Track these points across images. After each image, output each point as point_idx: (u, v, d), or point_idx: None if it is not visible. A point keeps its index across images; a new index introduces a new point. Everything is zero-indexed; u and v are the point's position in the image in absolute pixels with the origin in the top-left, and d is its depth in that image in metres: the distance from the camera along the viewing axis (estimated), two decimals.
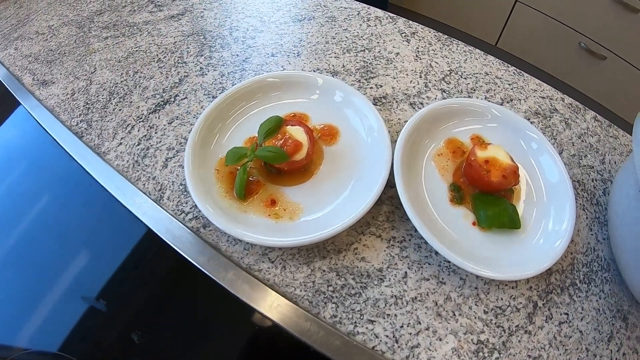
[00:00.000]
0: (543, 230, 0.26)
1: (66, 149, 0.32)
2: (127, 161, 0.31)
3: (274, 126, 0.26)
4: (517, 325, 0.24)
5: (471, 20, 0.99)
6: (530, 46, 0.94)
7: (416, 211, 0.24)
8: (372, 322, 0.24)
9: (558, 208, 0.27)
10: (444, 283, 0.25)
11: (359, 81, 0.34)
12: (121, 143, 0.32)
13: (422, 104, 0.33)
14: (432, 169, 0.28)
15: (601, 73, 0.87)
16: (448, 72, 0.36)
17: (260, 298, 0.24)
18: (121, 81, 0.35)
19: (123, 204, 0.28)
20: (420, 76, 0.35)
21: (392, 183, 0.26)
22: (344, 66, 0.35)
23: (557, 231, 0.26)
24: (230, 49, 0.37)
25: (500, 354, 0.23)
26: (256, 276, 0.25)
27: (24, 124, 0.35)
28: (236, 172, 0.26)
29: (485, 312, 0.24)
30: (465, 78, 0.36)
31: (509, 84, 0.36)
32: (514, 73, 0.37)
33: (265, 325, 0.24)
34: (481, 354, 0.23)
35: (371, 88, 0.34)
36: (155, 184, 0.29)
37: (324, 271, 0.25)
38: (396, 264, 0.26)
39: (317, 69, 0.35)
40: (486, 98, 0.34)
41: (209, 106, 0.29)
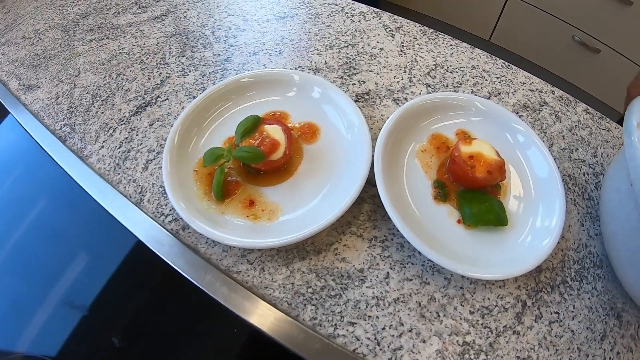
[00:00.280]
0: (531, 227, 0.25)
1: (50, 154, 0.31)
2: (109, 164, 0.30)
3: (251, 125, 0.25)
4: (505, 325, 0.23)
5: (464, 15, 0.97)
6: (524, 40, 0.92)
7: (397, 210, 0.23)
8: (353, 324, 0.22)
9: (547, 204, 0.25)
10: (428, 283, 0.24)
11: (342, 78, 0.33)
12: (103, 146, 0.31)
13: (406, 100, 0.32)
14: (415, 166, 0.27)
15: (595, 66, 0.84)
16: (433, 67, 0.34)
17: (238, 300, 0.23)
18: (104, 84, 0.34)
19: (105, 208, 0.27)
20: (404, 71, 0.34)
21: (374, 181, 0.24)
22: (327, 63, 0.34)
23: (547, 228, 0.24)
24: (212, 49, 0.36)
25: (487, 356, 0.22)
26: (235, 278, 0.24)
27: (10, 130, 0.34)
28: (215, 173, 0.25)
29: (471, 313, 0.23)
30: (451, 72, 0.34)
31: (497, 77, 0.34)
32: (502, 66, 0.35)
33: (243, 328, 0.23)
34: (467, 356, 0.22)
35: (354, 84, 0.33)
36: (135, 187, 0.28)
37: (304, 272, 0.24)
38: (378, 264, 0.24)
39: (299, 67, 0.34)
40: (473, 92, 0.33)
41: (187, 108, 0.28)
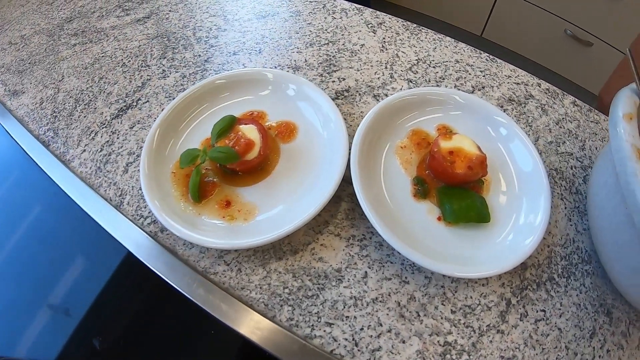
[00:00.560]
0: (515, 223, 0.24)
1: (34, 159, 0.31)
2: (90, 168, 0.29)
3: (226, 126, 0.24)
4: (489, 324, 0.22)
5: (456, 11, 0.95)
6: (516, 35, 0.90)
7: (374, 208, 0.22)
8: (330, 325, 0.21)
9: (532, 198, 0.24)
10: (407, 282, 0.23)
11: (321, 75, 0.32)
12: (85, 150, 0.30)
13: (387, 96, 0.31)
14: (395, 163, 0.26)
15: (588, 59, 0.82)
16: (415, 62, 0.33)
17: (215, 302, 0.22)
18: (87, 88, 0.34)
19: (87, 212, 0.27)
20: (385, 67, 0.33)
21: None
22: (306, 61, 0.33)
23: (531, 224, 0.23)
24: (192, 50, 0.35)
25: (469, 356, 0.21)
26: (212, 279, 0.23)
27: None
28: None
29: (452, 312, 0.22)
30: (433, 67, 0.33)
31: (481, 71, 0.33)
32: (487, 60, 0.34)
33: (220, 329, 0.22)
34: (449, 356, 0.21)
35: (333, 82, 0.32)
36: (116, 190, 0.28)
37: (280, 273, 0.23)
38: (356, 264, 0.23)
39: (279, 65, 0.33)
40: (456, 86, 0.32)
41: (163, 111, 0.27)
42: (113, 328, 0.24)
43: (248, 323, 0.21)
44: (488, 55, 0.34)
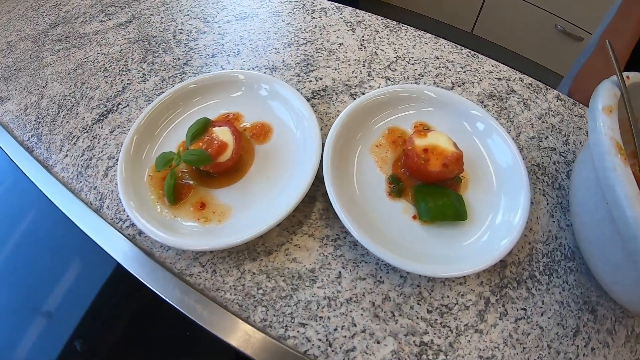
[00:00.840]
0: (492, 220, 0.23)
1: (19, 165, 0.30)
2: (72, 173, 0.29)
3: (201, 128, 0.24)
4: (467, 324, 0.21)
5: (446, 8, 0.94)
6: (506, 31, 0.88)
7: (347, 208, 0.22)
8: (304, 326, 0.21)
9: (511, 195, 0.23)
10: (382, 282, 0.22)
11: (298, 75, 0.31)
12: (67, 155, 0.30)
13: (364, 94, 0.30)
14: (370, 162, 0.25)
15: (579, 54, 0.80)
16: (394, 59, 0.32)
17: (191, 304, 0.22)
18: (69, 93, 0.34)
19: (68, 217, 0.27)
20: (363, 65, 0.32)
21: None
22: (284, 61, 0.32)
23: (510, 221, 0.22)
24: (172, 53, 0.34)
25: (446, 356, 0.20)
26: (187, 281, 0.23)
27: None
28: None
29: (429, 312, 0.21)
30: (412, 64, 0.32)
31: (462, 67, 0.32)
32: (468, 55, 0.33)
33: (195, 330, 0.21)
34: (425, 356, 0.20)
35: (310, 81, 0.31)
36: (96, 194, 0.27)
37: (254, 274, 0.23)
38: (329, 264, 0.23)
39: (256, 66, 0.32)
40: (435, 83, 0.31)
41: (140, 116, 0.27)
42: (91, 329, 0.24)
43: (223, 324, 0.21)
44: (469, 51, 0.33)
